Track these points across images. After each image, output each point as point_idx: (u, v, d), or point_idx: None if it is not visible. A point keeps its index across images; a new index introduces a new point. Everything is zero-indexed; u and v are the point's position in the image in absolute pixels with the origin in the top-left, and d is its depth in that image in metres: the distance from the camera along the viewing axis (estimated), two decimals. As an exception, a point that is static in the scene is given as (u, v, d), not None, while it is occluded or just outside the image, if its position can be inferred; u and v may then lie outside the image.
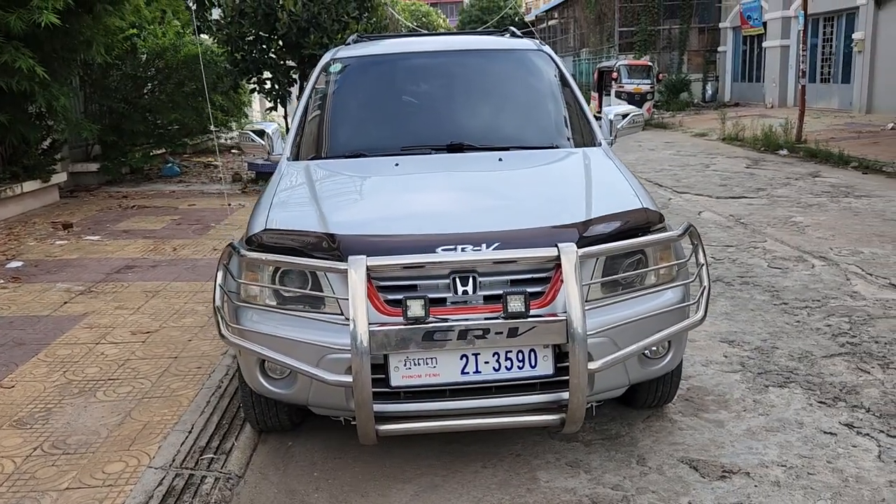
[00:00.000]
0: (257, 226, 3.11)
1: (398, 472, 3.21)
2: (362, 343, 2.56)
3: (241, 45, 10.29)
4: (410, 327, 2.62)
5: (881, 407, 3.56)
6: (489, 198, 3.32)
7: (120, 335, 4.79)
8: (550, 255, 2.71)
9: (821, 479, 2.98)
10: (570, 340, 2.60)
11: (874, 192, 9.61)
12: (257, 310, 2.94)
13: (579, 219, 2.96)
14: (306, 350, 2.77)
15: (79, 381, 4.08)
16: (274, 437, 3.56)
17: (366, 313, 2.58)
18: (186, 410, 3.69)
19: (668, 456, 3.22)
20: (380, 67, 4.34)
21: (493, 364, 2.75)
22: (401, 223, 3.01)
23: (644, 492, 2.95)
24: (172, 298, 5.56)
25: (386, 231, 2.92)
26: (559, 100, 4.23)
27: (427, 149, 3.84)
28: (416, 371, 2.74)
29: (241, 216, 8.75)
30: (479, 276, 2.78)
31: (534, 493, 3.00)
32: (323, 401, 2.90)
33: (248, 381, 3.06)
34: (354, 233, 2.91)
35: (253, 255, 2.85)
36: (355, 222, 3.03)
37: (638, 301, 2.91)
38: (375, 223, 3.03)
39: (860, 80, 19.49)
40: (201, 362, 4.30)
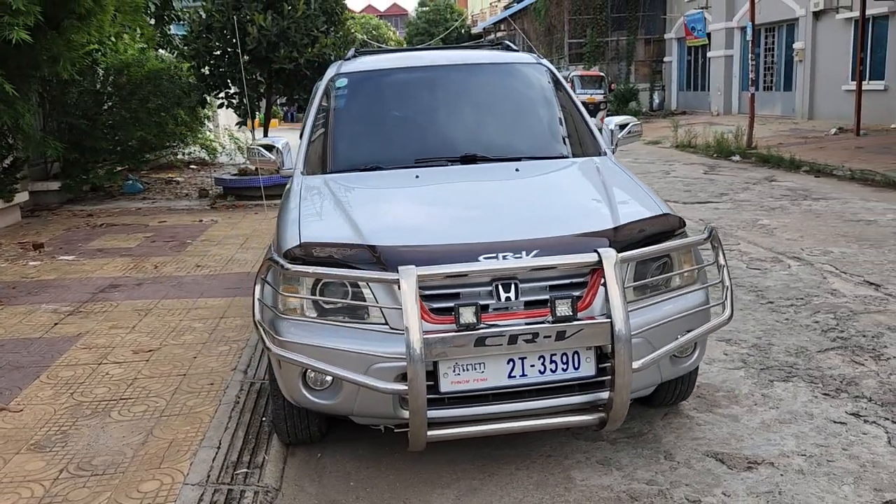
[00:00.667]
0: (290, 240, 3.14)
1: (435, 478, 3.26)
2: (417, 351, 2.62)
3: (209, 59, 10.20)
4: (463, 334, 2.69)
5: (881, 396, 3.77)
6: (519, 207, 3.42)
7: (121, 355, 4.72)
8: (591, 260, 2.82)
9: (840, 466, 3.15)
10: (614, 342, 2.71)
11: (829, 194, 10.05)
12: (299, 322, 2.97)
13: (609, 225, 3.08)
14: (353, 360, 2.82)
15: (89, 402, 4.02)
16: (302, 450, 3.57)
17: (419, 322, 2.64)
18: (209, 427, 3.67)
19: (693, 450, 3.35)
20: (387, 81, 4.41)
21: (539, 367, 2.84)
22: (439, 233, 3.08)
23: (678, 485, 3.08)
24: (166, 316, 5.49)
25: (427, 241, 2.98)
26: (563, 111, 4.37)
27: (442, 161, 3.92)
28: (465, 376, 2.81)
29: (216, 232, 8.68)
30: (520, 283, 2.87)
31: (571, 491, 3.09)
32: (369, 410, 2.94)
33: (289, 393, 3.08)
34: (396, 243, 2.96)
35: (299, 269, 2.88)
36: (393, 233, 3.09)
37: (667, 303, 3.04)
38: (414, 234, 3.09)
39: (801, 88, 20.32)
40: (212, 379, 4.28)
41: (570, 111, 4.39)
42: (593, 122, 4.35)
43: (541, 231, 3.03)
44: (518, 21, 35.44)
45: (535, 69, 4.58)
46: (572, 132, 4.29)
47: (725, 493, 3.01)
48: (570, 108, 4.40)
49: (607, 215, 3.18)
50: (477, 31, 50.86)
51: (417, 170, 3.83)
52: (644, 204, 3.37)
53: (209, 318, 5.41)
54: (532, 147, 4.14)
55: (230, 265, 7.01)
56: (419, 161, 3.93)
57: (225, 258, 7.31)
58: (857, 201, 9.41)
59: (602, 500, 3.01)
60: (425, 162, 3.92)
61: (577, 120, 4.34)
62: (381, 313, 2.89)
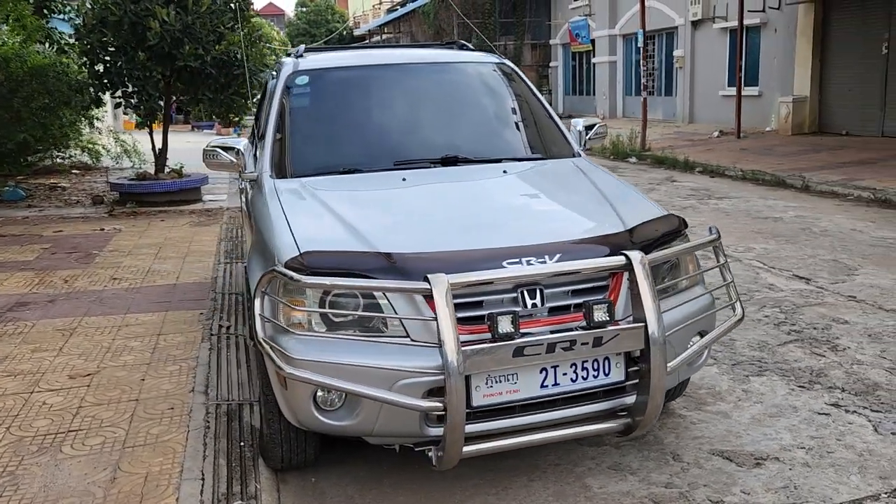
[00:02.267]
0: (286, 249, 2.88)
1: (447, 496, 3.10)
2: (455, 364, 2.46)
3: (103, 55, 9.47)
4: (501, 344, 2.55)
5: (852, 386, 3.94)
6: (525, 210, 3.32)
7: (56, 381, 4.24)
8: (619, 263, 2.75)
9: (841, 456, 3.25)
10: (650, 345, 2.66)
11: (730, 194, 10.59)
12: (308, 339, 2.72)
13: (622, 227, 3.03)
14: (377, 377, 2.61)
15: (31, 437, 3.57)
16: (293, 476, 3.31)
17: (455, 334, 2.48)
18: (185, 457, 3.34)
19: (698, 450, 3.36)
20: (354, 80, 4.18)
21: (571, 375, 2.75)
22: (454, 239, 2.92)
23: (696, 486, 3.07)
24: (95, 336, 5.00)
25: (445, 247, 2.82)
26: (534, 111, 4.31)
27: (423, 163, 3.75)
28: (498, 388, 2.67)
29: (123, 241, 8.06)
30: (545, 289, 2.76)
31: (594, 500, 3.02)
32: (392, 429, 2.74)
33: (295, 415, 2.83)
34: (412, 250, 2.78)
35: (314, 280, 2.64)
36: (403, 239, 2.90)
37: (683, 305, 3.02)
38: (427, 239, 2.91)
39: (682, 94, 21.42)
40: (171, 403, 3.91)
41: (541, 112, 4.34)
42: (574, 122, 4.31)
43: (558, 234, 2.94)
44: (405, 24, 35.42)
45: (501, 69, 4.49)
46: (546, 133, 4.24)
47: (744, 491, 3.02)
48: (539, 109, 4.35)
49: (615, 217, 3.14)
50: (360, 33, 50.42)
51: (400, 172, 3.65)
52: (641, 205, 3.36)
53: (145, 336, 4.97)
54: (510, 148, 4.05)
55: (151, 277, 6.50)
56: (398, 163, 3.75)
57: (142, 270, 6.78)
58: (758, 200, 9.96)
59: (627, 507, 2.96)
60: (405, 164, 3.75)
61: (549, 121, 4.30)
62: (402, 325, 2.70)
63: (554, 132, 4.25)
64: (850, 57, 15.60)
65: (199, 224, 9.15)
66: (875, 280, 5.86)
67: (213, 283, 6.29)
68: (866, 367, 4.16)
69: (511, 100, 4.37)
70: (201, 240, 8.15)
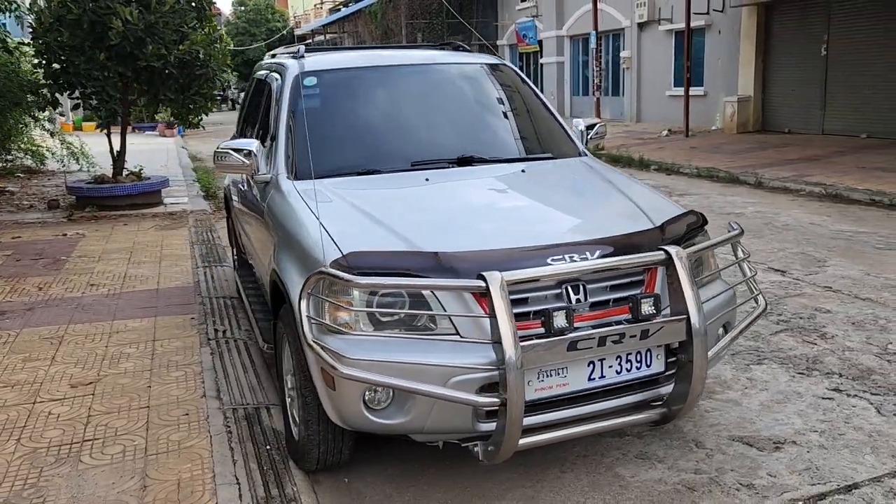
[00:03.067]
0: (329, 250, 2.88)
1: (485, 491, 3.15)
2: (514, 360, 2.51)
3: (61, 54, 9.15)
4: (556, 339, 2.61)
5: (848, 371, 4.15)
6: (556, 209, 3.39)
7: (57, 390, 4.12)
8: (660, 257, 2.85)
9: (852, 438, 3.42)
10: (692, 336, 2.76)
11: (689, 190, 10.91)
12: (358, 339, 2.73)
13: (653, 224, 3.13)
14: (431, 374, 2.64)
15: (45, 448, 3.47)
16: (326, 476, 3.30)
17: (514, 330, 2.53)
18: (214, 462, 3.30)
19: (717, 436, 3.49)
20: (364, 81, 4.17)
21: (616, 367, 2.83)
22: (495, 237, 2.96)
23: (724, 471, 3.19)
24: (87, 343, 4.87)
25: (489, 245, 2.86)
26: (540, 111, 4.39)
27: (439, 163, 3.78)
28: (548, 382, 2.73)
29: (90, 246, 7.83)
30: (587, 284, 2.84)
31: (629, 489, 3.11)
32: (443, 426, 2.76)
33: (343, 416, 2.83)
34: (457, 249, 2.82)
35: (371, 281, 2.65)
36: (445, 238, 2.92)
37: (710, 299, 3.13)
38: (469, 238, 2.94)
39: (629, 94, 21.92)
40: (185, 408, 3.85)
41: (545, 112, 4.42)
42: (576, 122, 4.41)
43: (595, 232, 3.02)
44: (350, 24, 35.21)
45: (504, 70, 4.56)
46: (552, 133, 4.32)
47: (770, 473, 3.16)
48: (543, 109, 4.43)
49: (642, 215, 3.24)
50: (301, 32, 49.86)
51: (420, 172, 3.67)
52: (660, 202, 3.48)
53: (140, 342, 4.86)
54: (522, 148, 4.12)
55: (130, 282, 6.35)
56: (415, 164, 3.77)
57: (118, 275, 6.61)
58: (717, 196, 10.30)
59: (662, 493, 3.06)
60: (422, 164, 3.77)
61: (553, 121, 4.38)
62: (452, 322, 2.74)
63: (559, 132, 4.34)
64: (791, 58, 16.24)
65: (165, 228, 8.95)
66: (845, 271, 6.15)
67: (197, 288, 6.18)
68: (857, 353, 4.38)
69: (517, 100, 4.43)
70: (172, 244, 7.98)
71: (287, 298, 3.06)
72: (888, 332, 4.69)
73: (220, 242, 8.18)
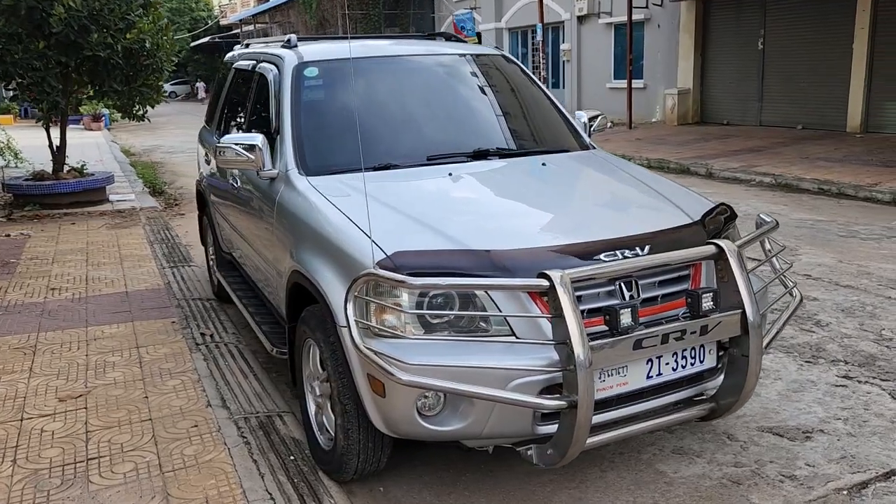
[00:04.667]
0: (370, 250, 2.73)
1: (529, 495, 3.06)
2: (584, 359, 2.42)
3: (-5, 43, 8.56)
4: (624, 337, 2.54)
5: (851, 358, 4.24)
6: (591, 203, 3.32)
7: (44, 405, 3.83)
8: (712, 251, 2.81)
9: (877, 424, 3.48)
10: (747, 330, 2.73)
11: (644, 182, 11.07)
12: (411, 343, 2.59)
13: (692, 217, 3.09)
14: (491, 378, 2.53)
15: (48, 469, 3.21)
16: (358, 487, 3.15)
17: (583, 329, 2.45)
18: (240, 477, 3.11)
19: (747, 428, 3.50)
20: (368, 72, 4.00)
21: (672, 364, 2.78)
22: (541, 233, 2.87)
23: (763, 463, 3.20)
24: (64, 353, 4.55)
25: (539, 243, 2.76)
26: (545, 103, 4.31)
27: (457, 157, 3.66)
28: (609, 382, 2.66)
29: (39, 248, 7.37)
30: (640, 280, 2.78)
31: (675, 485, 3.08)
32: (502, 430, 2.65)
33: (395, 423, 2.68)
34: (507, 247, 2.71)
35: (427, 282, 2.52)
36: (489, 236, 2.80)
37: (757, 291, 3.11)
38: (514, 235, 2.83)
39: (570, 86, 22.15)
40: (191, 419, 3.63)
41: (549, 104, 4.34)
42: (578, 114, 4.34)
43: (640, 226, 2.95)
44: (282, 14, 34.42)
45: (507, 61, 4.46)
46: (561, 125, 4.24)
47: (808, 464, 3.18)
48: (547, 101, 4.35)
49: (676, 208, 3.19)
50: (227, 22, 48.51)
51: (439, 167, 3.54)
52: (689, 195, 3.45)
53: (122, 350, 4.57)
54: (535, 141, 4.04)
55: (94, 285, 5.98)
56: (431, 158, 3.64)
57: (79, 278, 6.22)
58: (673, 187, 10.48)
59: (709, 489, 3.04)
60: (437, 159, 3.64)
61: (559, 113, 4.31)
62: (507, 323, 2.63)
63: (567, 124, 4.27)
64: (729, 52, 16.70)
65: (117, 227, 8.51)
66: (818, 259, 6.32)
67: (169, 290, 5.88)
68: (855, 339, 4.49)
69: (524, 92, 4.34)
70: (129, 243, 7.59)
71: (323, 301, 2.89)
72: (878, 319, 4.82)
73: (181, 241, 7.83)
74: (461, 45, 4.54)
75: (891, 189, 9.14)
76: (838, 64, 14.13)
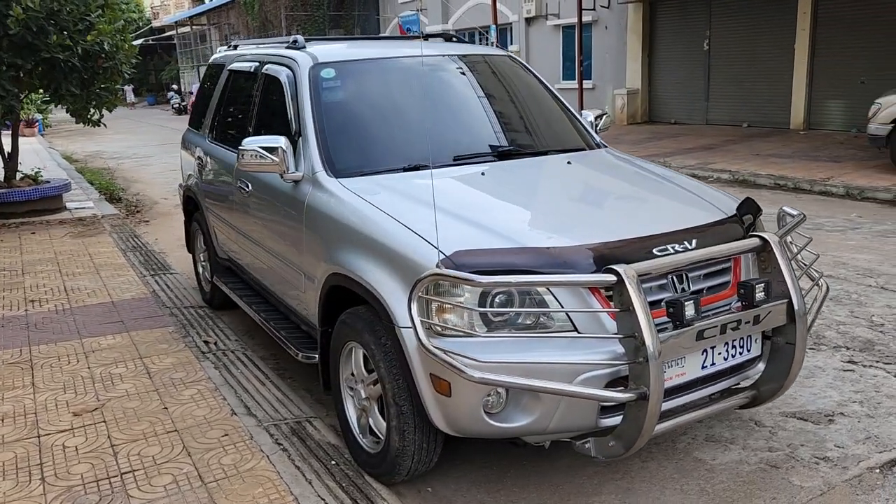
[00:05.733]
0: (428, 251, 2.73)
1: (578, 488, 3.11)
2: (654, 351, 2.48)
3: (-54, 45, 8.15)
4: (688, 329, 2.60)
5: (851, 343, 4.43)
6: (628, 199, 3.38)
7: (59, 420, 3.69)
8: (755, 244, 2.91)
9: (890, 405, 3.65)
10: (794, 318, 2.83)
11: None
12: (479, 341, 2.61)
13: (727, 212, 3.19)
14: (558, 373, 2.57)
15: (82, 486, 3.10)
16: (405, 488, 3.14)
17: (651, 321, 2.50)
18: (288, 483, 3.06)
19: (771, 415, 3.63)
20: (386, 73, 3.98)
21: (724, 354, 2.86)
22: (593, 229, 2.91)
23: (795, 447, 3.32)
24: (64, 366, 4.39)
25: (596, 238, 2.80)
26: (556, 103, 4.37)
27: (483, 157, 3.68)
28: (669, 374, 2.71)
29: (5, 259, 7.06)
30: (689, 273, 2.86)
31: (718, 472, 3.17)
32: (568, 424, 2.68)
33: (461, 422, 2.68)
34: (565, 243, 2.75)
35: (494, 280, 2.53)
36: (546, 233, 2.84)
37: None
38: (567, 231, 2.87)
39: (518, 87, 22.37)
40: (221, 429, 3.55)
41: (557, 104, 4.40)
42: (585, 113, 4.42)
43: (683, 221, 3.02)
44: (221, 15, 33.75)
45: (515, 62, 4.50)
46: (574, 125, 4.30)
47: (837, 445, 3.32)
48: (555, 102, 4.41)
49: (708, 203, 3.29)
50: (160, 24, 47.27)
51: (469, 167, 3.56)
52: (711, 190, 3.55)
53: (125, 361, 4.44)
54: (554, 140, 4.08)
55: (76, 296, 5.77)
56: (458, 158, 3.66)
57: (57, 289, 6.00)
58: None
59: (751, 473, 3.14)
60: (464, 159, 3.66)
61: (570, 112, 4.38)
62: (569, 319, 2.67)
63: (578, 123, 4.34)
64: (676, 52, 17.17)
65: (81, 235, 8.22)
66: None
67: (156, 298, 5.72)
68: (850, 326, 4.70)
69: (534, 91, 4.37)
70: (100, 252, 7.34)
71: (377, 302, 2.87)
72: (865, 306, 5.05)
73: (154, 249, 7.62)
74: (468, 46, 4.56)
75: (843, 183, 9.57)
76: (781, 64, 14.70)
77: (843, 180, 9.71)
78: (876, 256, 6.27)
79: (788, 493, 3.00)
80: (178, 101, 34.73)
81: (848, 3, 13.54)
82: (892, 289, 5.39)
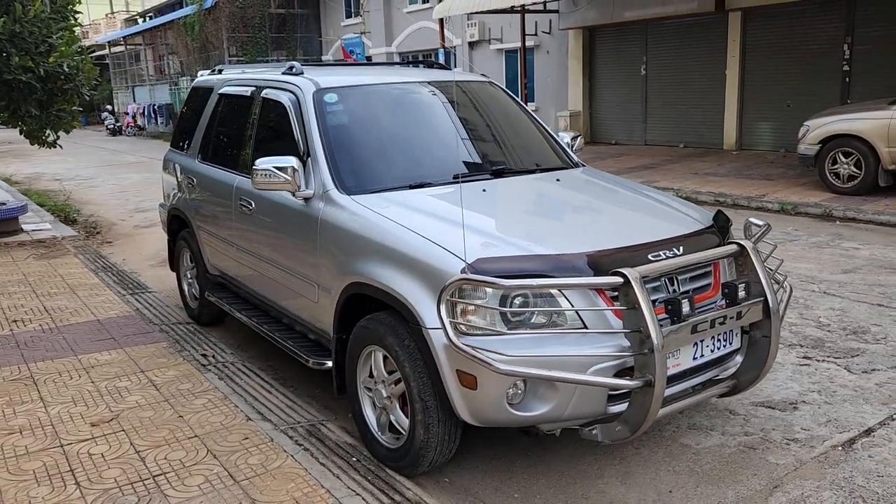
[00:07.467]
0: (451, 259, 3.03)
1: (581, 473, 3.43)
2: (659, 344, 2.83)
3: None
4: (685, 323, 2.97)
5: (804, 342, 4.91)
6: (621, 212, 3.75)
7: (78, 431, 3.82)
8: (734, 250, 3.31)
9: (845, 393, 4.11)
10: (769, 315, 3.24)
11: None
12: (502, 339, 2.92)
13: (706, 223, 3.60)
14: (573, 365, 2.89)
15: (118, 488, 3.26)
16: (425, 480, 3.41)
17: (654, 317, 2.86)
18: (317, 478, 3.29)
19: (743, 405, 4.04)
20: (384, 97, 4.27)
21: (711, 347, 3.24)
22: (596, 238, 3.26)
23: (768, 431, 3.73)
24: (67, 381, 4.49)
25: (598, 246, 3.15)
26: (537, 126, 4.74)
27: (481, 175, 4.00)
28: (667, 364, 3.07)
29: (-24, 280, 7.01)
30: (678, 276, 3.24)
31: (703, 455, 3.54)
32: (581, 411, 3.00)
33: (485, 413, 2.97)
34: (574, 251, 3.09)
35: (516, 283, 2.85)
36: (554, 241, 3.18)
37: None
38: (573, 240, 3.21)
39: (462, 109, 22.90)
40: (240, 433, 3.74)
41: (537, 126, 4.77)
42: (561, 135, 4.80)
43: (670, 231, 3.41)
44: (158, 36, 33.35)
45: (500, 88, 4.87)
46: (555, 146, 4.68)
47: (804, 428, 3.74)
48: (539, 125, 4.78)
49: (686, 215, 3.69)
50: (90, 43, 46.17)
51: (469, 184, 3.87)
52: (686, 204, 3.97)
53: (127, 375, 4.57)
54: (541, 160, 4.43)
55: (59, 315, 5.82)
56: (456, 177, 3.97)
57: (35, 309, 6.03)
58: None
59: (733, 455, 3.52)
60: (462, 177, 3.97)
61: (548, 134, 4.75)
62: (579, 317, 3.00)
63: (558, 145, 4.71)
64: (615, 77, 17.96)
65: (44, 257, 8.18)
66: (742, 261, 7.11)
67: (142, 316, 5.82)
68: (801, 326, 5.19)
69: (517, 115, 4.74)
70: (71, 273, 7.35)
71: (404, 307, 3.14)
72: (812, 309, 5.57)
73: (125, 269, 7.66)
74: (456, 73, 4.90)
75: (777, 199, 10.28)
76: (714, 88, 15.59)
77: (778, 197, 10.42)
78: (815, 265, 6.86)
79: (767, 469, 3.39)
80: (112, 121, 34.07)
81: (774, 32, 14.51)
82: (832, 293, 5.94)
